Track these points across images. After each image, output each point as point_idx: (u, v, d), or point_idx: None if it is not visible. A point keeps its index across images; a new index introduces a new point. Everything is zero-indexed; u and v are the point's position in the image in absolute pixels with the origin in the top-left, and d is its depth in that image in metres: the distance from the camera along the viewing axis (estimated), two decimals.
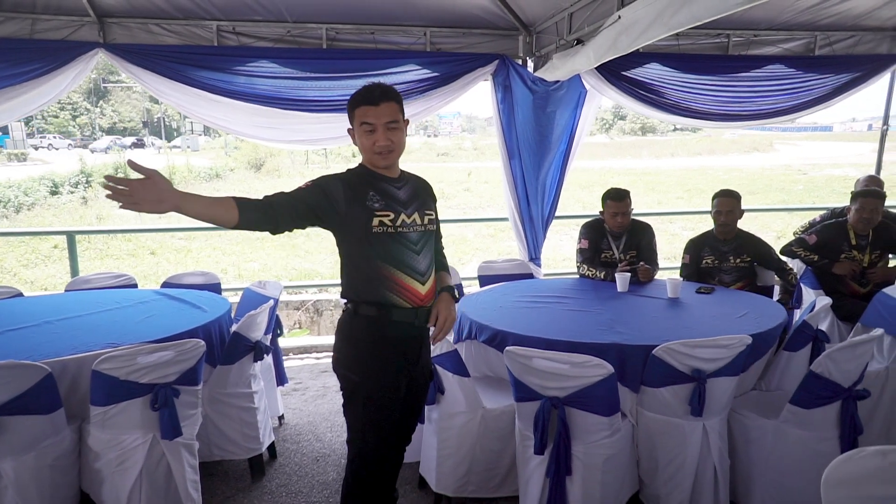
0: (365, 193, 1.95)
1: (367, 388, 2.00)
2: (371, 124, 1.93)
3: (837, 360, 2.23)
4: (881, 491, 1.34)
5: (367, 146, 1.97)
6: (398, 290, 1.98)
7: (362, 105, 1.94)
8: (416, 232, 2.01)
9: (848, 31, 4.75)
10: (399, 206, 2.00)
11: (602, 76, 4.45)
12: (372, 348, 2.00)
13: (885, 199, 3.76)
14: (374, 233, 1.93)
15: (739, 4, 2.25)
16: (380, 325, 1.99)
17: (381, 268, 1.96)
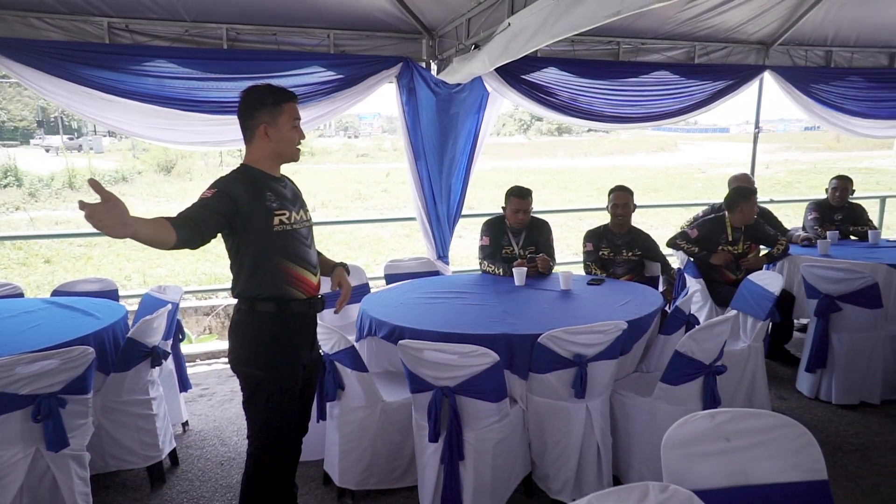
0: (262, 193, 2.03)
1: (271, 382, 2.08)
2: (299, 119, 2.10)
3: (698, 339, 2.47)
4: (709, 448, 1.54)
5: (293, 140, 2.08)
6: (296, 284, 2.09)
7: (292, 101, 2.07)
8: (304, 227, 2.15)
9: (721, 42, 5.17)
10: (289, 203, 2.11)
11: (503, 79, 4.63)
12: (274, 343, 2.08)
13: (756, 196, 4.15)
14: (276, 231, 2.03)
15: (609, 16, 2.44)
16: (280, 320, 2.08)
17: (282, 263, 2.06)
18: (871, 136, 5.88)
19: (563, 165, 25.42)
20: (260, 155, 2.08)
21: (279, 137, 2.05)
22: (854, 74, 5.47)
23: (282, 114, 2.04)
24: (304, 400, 2.27)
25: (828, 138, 31.84)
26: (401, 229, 11.29)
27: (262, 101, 2.03)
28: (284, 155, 2.11)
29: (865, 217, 4.91)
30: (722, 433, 1.55)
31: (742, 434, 1.55)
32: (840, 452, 3.06)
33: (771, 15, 4.94)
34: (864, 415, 3.45)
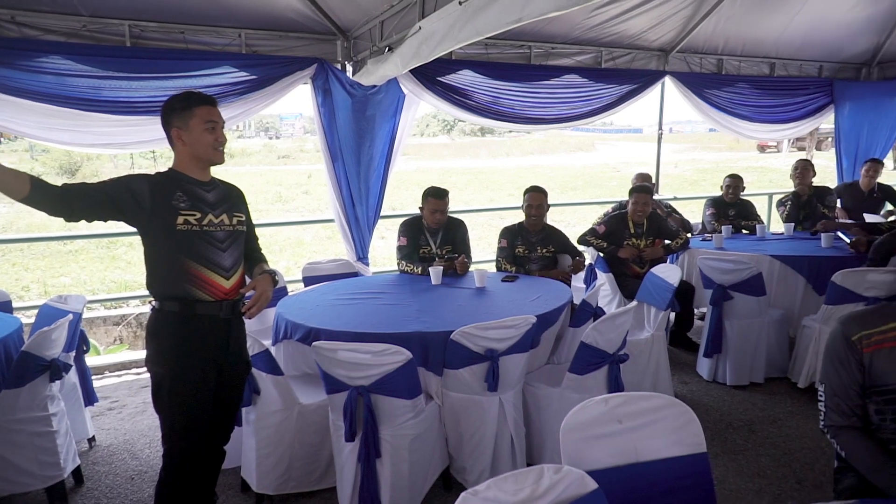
0: (171, 193, 2.06)
1: (172, 380, 2.08)
2: (215, 122, 2.10)
3: (602, 330, 2.61)
4: (603, 430, 1.64)
5: (209, 143, 2.10)
6: (201, 285, 2.09)
7: (205, 105, 2.10)
8: (223, 231, 2.15)
9: (626, 48, 5.46)
10: (207, 207, 2.13)
11: (419, 81, 4.69)
12: (176, 342, 2.09)
13: (653, 192, 4.41)
14: (178, 230, 2.04)
15: (510, 23, 2.54)
16: (183, 320, 2.09)
17: (185, 263, 2.06)
18: (757, 138, 6.37)
19: (486, 165, 25.83)
20: (181, 159, 2.14)
21: (192, 141, 2.09)
22: (742, 81, 5.92)
23: (192, 117, 2.07)
24: (224, 406, 2.24)
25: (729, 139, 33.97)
26: (322, 231, 11.14)
27: (173, 107, 2.09)
28: (203, 158, 2.14)
29: (755, 212, 5.33)
30: (615, 416, 1.66)
31: (633, 416, 1.66)
32: (731, 429, 3.33)
33: (669, 24, 5.27)
34: (751, 394, 3.76)
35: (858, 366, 1.67)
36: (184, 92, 2.12)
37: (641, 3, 4.84)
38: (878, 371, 1.63)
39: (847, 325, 1.70)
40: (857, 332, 1.67)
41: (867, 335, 1.66)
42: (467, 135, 42.72)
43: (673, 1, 4.94)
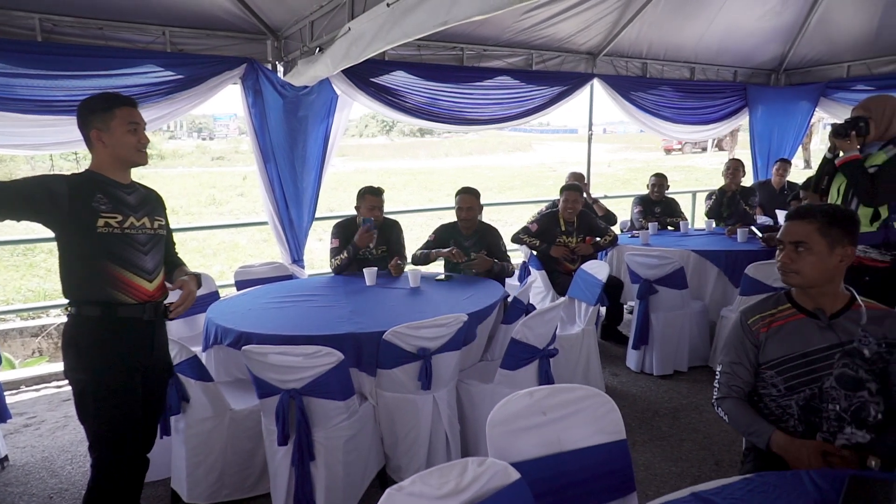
0: (91, 195, 2.01)
1: (96, 385, 2.03)
2: (137, 123, 2.08)
3: (532, 326, 2.69)
4: (528, 422, 1.69)
5: (132, 144, 2.07)
6: (123, 288, 2.06)
7: (126, 106, 2.07)
8: (144, 234, 2.13)
9: (556, 51, 5.61)
10: (128, 209, 2.09)
11: (351, 82, 4.67)
12: (98, 347, 2.03)
13: (583, 191, 4.56)
14: (99, 233, 2.00)
15: (437, 26, 2.58)
16: (105, 324, 2.04)
17: (106, 266, 2.03)
18: (680, 138, 6.68)
19: (425, 166, 25.89)
20: (101, 160, 2.09)
21: (114, 142, 2.06)
22: (665, 84, 6.19)
23: (113, 119, 2.04)
24: (148, 411, 2.19)
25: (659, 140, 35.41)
26: (258, 234, 10.89)
27: (92, 108, 2.05)
28: (125, 160, 2.11)
29: (679, 209, 5.59)
30: (539, 408, 1.72)
31: (557, 407, 1.72)
32: (657, 417, 3.48)
33: (595, 28, 5.45)
34: (676, 382, 3.95)
35: (753, 347, 1.86)
36: (102, 93, 2.08)
37: (569, 8, 4.98)
38: (771, 347, 1.82)
39: (745, 312, 1.92)
40: (752, 317, 1.89)
41: (761, 317, 1.87)
42: (406, 135, 42.69)
43: (599, 6, 5.12)
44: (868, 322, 1.76)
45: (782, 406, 1.81)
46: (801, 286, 1.81)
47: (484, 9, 2.30)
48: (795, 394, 1.78)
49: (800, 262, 1.77)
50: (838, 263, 1.77)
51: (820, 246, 1.75)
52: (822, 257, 1.76)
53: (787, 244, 1.81)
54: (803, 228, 1.78)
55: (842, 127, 3.00)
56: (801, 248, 1.77)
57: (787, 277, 1.82)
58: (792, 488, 1.39)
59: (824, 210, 1.78)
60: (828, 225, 1.76)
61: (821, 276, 1.78)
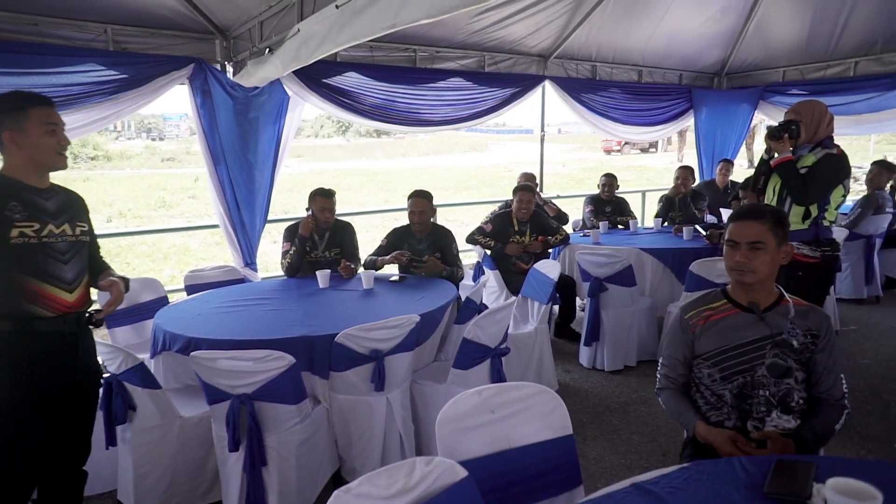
0: (4, 203, 1.90)
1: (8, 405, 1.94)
2: (56, 124, 1.98)
3: (483, 325, 2.72)
4: (477, 421, 1.72)
5: (51, 147, 1.98)
6: (40, 301, 1.97)
7: (42, 106, 1.96)
8: (65, 242, 2.03)
9: (507, 53, 5.69)
10: (46, 216, 1.99)
11: (303, 83, 4.63)
12: (9, 364, 1.93)
13: (535, 191, 4.64)
14: (13, 244, 1.90)
15: (386, 29, 2.59)
16: (17, 339, 1.94)
17: (20, 279, 1.93)
18: (629, 139, 6.86)
19: (382, 166, 25.78)
20: (14, 163, 1.97)
21: (30, 144, 1.95)
22: (614, 87, 6.34)
23: (28, 119, 1.93)
24: (78, 422, 2.14)
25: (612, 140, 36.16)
26: (211, 237, 10.64)
27: (2, 108, 1.93)
28: (42, 163, 2.00)
29: (629, 209, 5.74)
30: (488, 406, 1.75)
31: (505, 405, 1.76)
32: (608, 412, 3.58)
33: (546, 31, 5.55)
34: (626, 377, 4.06)
35: (689, 341, 1.95)
36: (14, 91, 1.97)
37: (519, 11, 5.06)
38: (706, 340, 1.91)
39: (684, 308, 2.02)
40: (689, 312, 1.98)
41: (698, 312, 1.96)
42: (363, 136, 42.39)
43: (549, 10, 5.21)
44: (795, 316, 1.86)
45: (717, 394, 1.90)
46: (755, 284, 1.87)
47: (431, 12, 2.33)
48: (730, 383, 1.87)
49: (756, 261, 1.84)
50: (781, 260, 1.87)
51: (772, 245, 1.84)
52: (773, 255, 1.85)
53: (743, 245, 1.85)
54: (758, 228, 1.85)
55: (776, 130, 3.16)
56: (758, 248, 1.83)
57: (743, 276, 1.87)
58: (724, 474, 1.46)
59: (772, 210, 1.88)
60: (777, 224, 1.86)
61: (771, 272, 1.88)
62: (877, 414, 3.47)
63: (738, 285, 1.92)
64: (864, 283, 5.53)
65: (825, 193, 3.11)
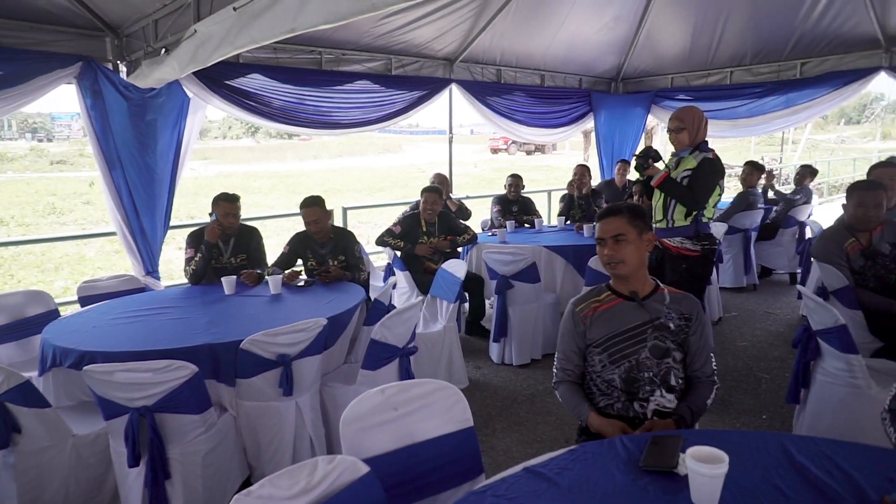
0: None
1: None
2: None
3: (390, 326, 2.77)
4: (381, 418, 1.77)
5: None
6: None
7: None
8: None
9: (414, 56, 5.76)
10: None
11: (204, 85, 4.50)
12: None
13: (441, 192, 4.76)
14: None
15: (285, 33, 2.59)
16: None
17: None
18: (533, 141, 7.13)
19: (293, 168, 25.25)
20: None
21: None
22: (518, 90, 6.58)
23: None
24: None
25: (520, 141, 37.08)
26: (109, 245, 10.03)
27: None
28: None
29: (534, 208, 5.97)
30: (391, 404, 1.81)
31: (407, 402, 1.82)
32: (516, 404, 3.73)
33: (451, 35, 5.67)
34: (533, 370, 4.24)
35: (581, 332, 2.10)
36: None
37: (424, 16, 5.14)
38: (596, 329, 2.07)
39: (574, 303, 2.17)
40: (579, 305, 2.13)
41: (587, 305, 2.12)
42: (273, 137, 41.19)
43: (453, 14, 5.33)
44: (670, 302, 2.05)
45: (607, 380, 2.05)
46: (627, 273, 2.06)
47: (329, 18, 2.35)
48: (618, 367, 2.02)
49: (622, 252, 2.03)
50: (646, 248, 2.06)
51: (632, 234, 2.03)
52: (636, 244, 2.04)
53: (608, 239, 2.05)
54: (618, 222, 2.05)
55: (641, 161, 3.49)
56: (621, 239, 2.02)
57: (614, 268, 2.06)
58: (607, 453, 1.60)
59: (627, 206, 2.08)
60: (633, 217, 2.05)
61: (638, 260, 2.06)
62: (750, 390, 3.82)
63: (617, 278, 2.09)
64: (744, 273, 6.05)
65: (710, 195, 3.42)
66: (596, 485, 1.44)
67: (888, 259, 3.31)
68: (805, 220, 6.05)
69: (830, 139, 33.71)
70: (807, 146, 24.19)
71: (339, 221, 6.33)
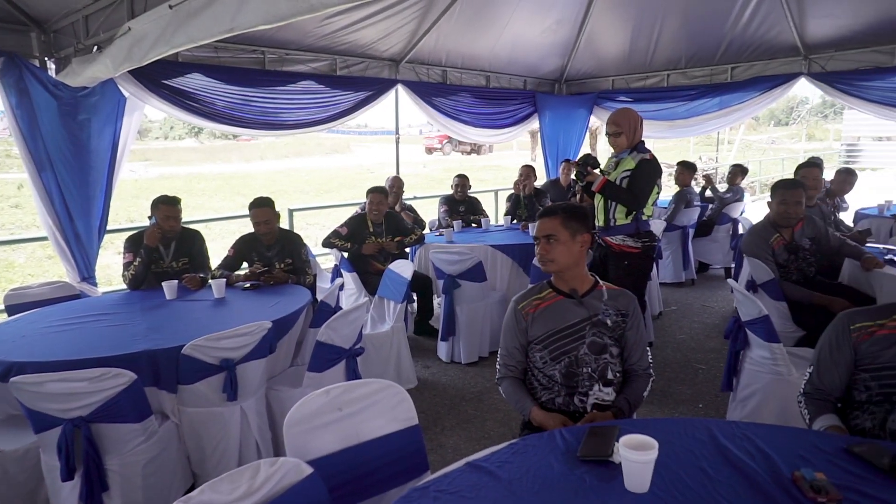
0: None
1: None
2: None
3: (336, 327, 2.77)
4: (325, 419, 1.77)
5: None
6: None
7: None
8: None
9: (359, 57, 5.74)
10: None
11: (141, 84, 4.36)
12: None
13: (387, 194, 4.77)
14: None
15: (223, 32, 2.55)
16: None
17: None
18: (479, 141, 7.22)
19: (238, 170, 24.67)
20: None
21: None
22: (463, 91, 6.64)
23: None
24: None
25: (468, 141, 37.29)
26: (41, 251, 9.56)
27: None
28: None
29: (481, 207, 6.04)
30: (336, 405, 1.81)
31: (352, 402, 1.82)
32: (464, 402, 3.77)
33: (396, 36, 5.67)
34: (481, 368, 4.30)
35: (524, 329, 2.15)
36: None
37: (369, 16, 5.13)
38: (537, 326, 2.12)
39: (516, 300, 2.21)
40: (521, 303, 2.18)
41: (528, 302, 2.17)
42: (218, 138, 40.05)
43: (398, 16, 5.34)
44: (608, 298, 2.13)
45: (548, 375, 2.11)
46: (557, 271, 2.14)
47: (269, 19, 2.33)
48: (558, 363, 2.09)
49: (553, 251, 2.11)
50: (580, 249, 2.13)
51: (564, 235, 2.11)
52: (567, 245, 2.11)
53: (541, 238, 2.13)
54: (551, 223, 2.12)
55: (581, 169, 3.61)
56: (553, 240, 2.09)
57: (545, 266, 2.15)
58: (547, 445, 1.65)
59: (563, 207, 2.15)
60: (568, 218, 2.11)
61: (569, 260, 2.13)
62: (688, 381, 3.99)
63: (557, 276, 2.16)
64: (682, 269, 6.29)
65: (649, 194, 3.55)
66: (535, 476, 1.49)
67: (808, 253, 3.52)
68: (738, 217, 6.34)
69: (762, 140, 35.32)
70: (741, 146, 25.27)
71: (286, 223, 6.24)
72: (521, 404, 2.10)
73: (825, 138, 34.79)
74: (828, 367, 1.86)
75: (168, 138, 41.50)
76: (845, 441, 1.56)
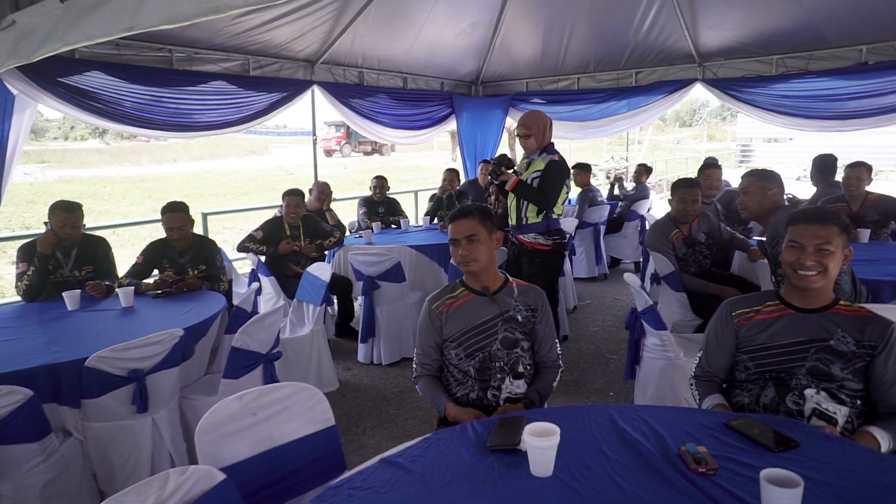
0: None
1: None
2: None
3: (251, 333, 2.73)
4: (239, 425, 1.76)
5: None
6: None
7: None
8: None
9: (273, 57, 5.63)
10: None
11: (32, 81, 4.08)
12: None
13: (304, 196, 4.74)
14: None
15: (122, 31, 2.44)
16: None
17: None
18: (397, 142, 7.25)
19: (149, 172, 23.50)
20: None
21: None
22: (381, 92, 6.65)
23: None
24: None
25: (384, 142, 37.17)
26: None
27: None
28: None
29: (400, 208, 6.08)
30: (250, 410, 1.80)
31: (267, 406, 1.82)
32: (386, 402, 3.80)
33: (311, 37, 5.61)
34: (402, 368, 4.34)
35: (438, 327, 2.22)
36: None
37: (281, 16, 5.05)
38: (451, 324, 2.19)
39: (430, 300, 2.28)
40: (435, 303, 2.25)
41: (442, 302, 2.24)
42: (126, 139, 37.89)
43: (312, 16, 5.28)
44: (518, 294, 2.23)
45: (463, 371, 2.18)
46: (479, 270, 2.20)
47: (171, 18, 2.27)
48: (473, 359, 2.16)
49: (475, 251, 2.16)
50: (496, 246, 2.21)
51: (483, 234, 2.17)
52: (487, 244, 2.18)
53: (461, 240, 2.17)
54: (469, 223, 2.17)
55: (496, 168, 3.74)
56: (474, 240, 2.15)
57: (468, 266, 2.20)
58: (459, 438, 1.71)
59: (477, 207, 2.22)
60: (484, 218, 2.19)
61: (490, 257, 2.20)
62: (601, 371, 4.20)
63: (470, 275, 2.23)
64: (595, 264, 6.59)
65: (558, 194, 3.71)
66: (447, 467, 1.55)
67: (704, 246, 3.80)
68: (645, 214, 6.71)
69: (669, 140, 37.37)
70: (650, 146, 26.66)
71: (200, 228, 6.03)
72: (436, 401, 2.15)
73: (724, 139, 37.26)
74: (714, 350, 2.03)
75: (68, 139, 38.89)
76: (725, 416, 1.72)
